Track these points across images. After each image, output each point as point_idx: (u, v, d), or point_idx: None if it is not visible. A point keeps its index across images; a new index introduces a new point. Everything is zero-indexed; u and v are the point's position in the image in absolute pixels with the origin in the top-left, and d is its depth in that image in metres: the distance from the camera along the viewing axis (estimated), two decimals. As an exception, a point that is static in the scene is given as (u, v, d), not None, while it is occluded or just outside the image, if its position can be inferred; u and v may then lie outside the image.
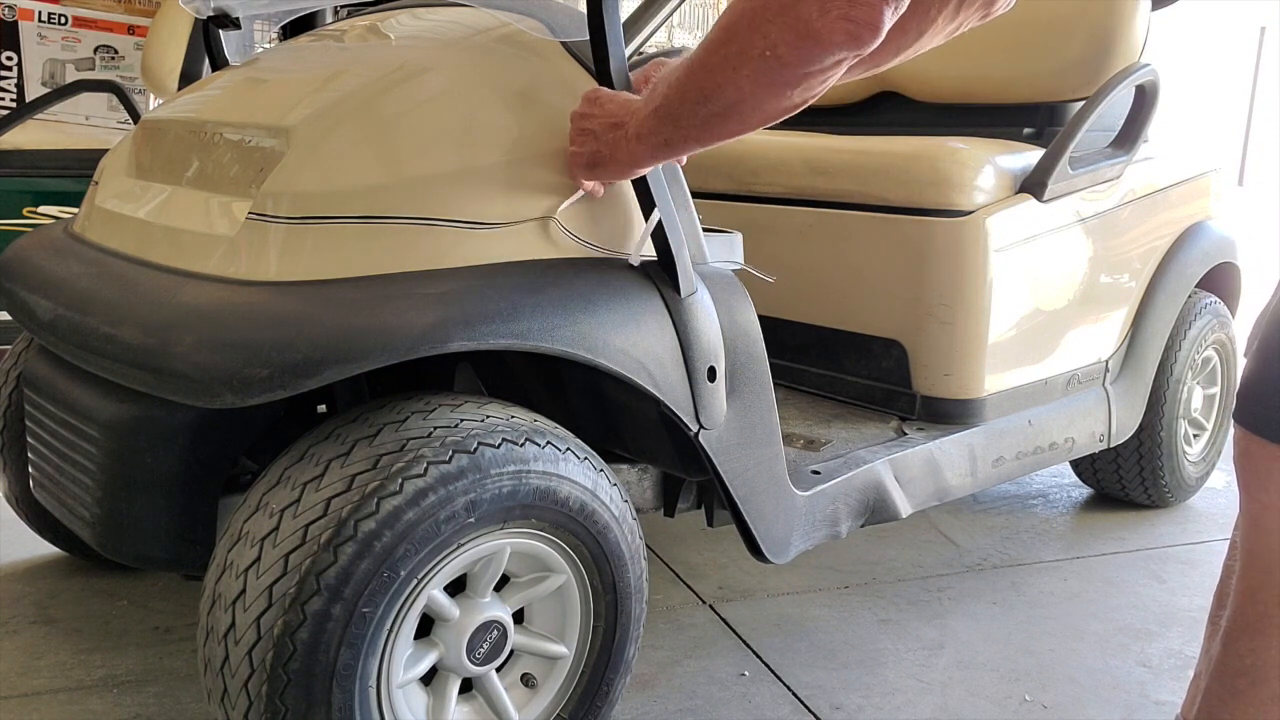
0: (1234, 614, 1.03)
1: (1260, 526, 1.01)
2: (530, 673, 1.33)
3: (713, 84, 1.06)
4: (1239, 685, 1.01)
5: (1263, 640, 0.99)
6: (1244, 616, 1.01)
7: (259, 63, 1.58)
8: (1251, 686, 1.00)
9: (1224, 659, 1.03)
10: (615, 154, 1.19)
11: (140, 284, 1.24)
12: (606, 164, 1.22)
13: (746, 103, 1.06)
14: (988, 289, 1.81)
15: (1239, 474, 1.04)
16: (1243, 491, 1.04)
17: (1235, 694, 1.01)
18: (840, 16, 0.96)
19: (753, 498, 1.43)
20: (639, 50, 2.16)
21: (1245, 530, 1.03)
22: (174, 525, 1.26)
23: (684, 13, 5.96)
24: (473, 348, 1.15)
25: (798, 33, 0.98)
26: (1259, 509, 1.01)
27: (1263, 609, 1.00)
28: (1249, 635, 1.00)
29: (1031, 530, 2.31)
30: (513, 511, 1.19)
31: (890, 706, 1.60)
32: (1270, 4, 12.58)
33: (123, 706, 1.52)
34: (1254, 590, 1.01)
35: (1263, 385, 1.00)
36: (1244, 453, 1.02)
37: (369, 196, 1.18)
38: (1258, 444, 1.00)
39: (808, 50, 0.99)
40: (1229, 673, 1.02)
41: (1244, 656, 1.00)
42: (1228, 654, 1.02)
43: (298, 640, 1.08)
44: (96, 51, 3.53)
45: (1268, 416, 0.98)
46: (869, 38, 0.97)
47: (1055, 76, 2.10)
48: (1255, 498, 1.01)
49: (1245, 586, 1.02)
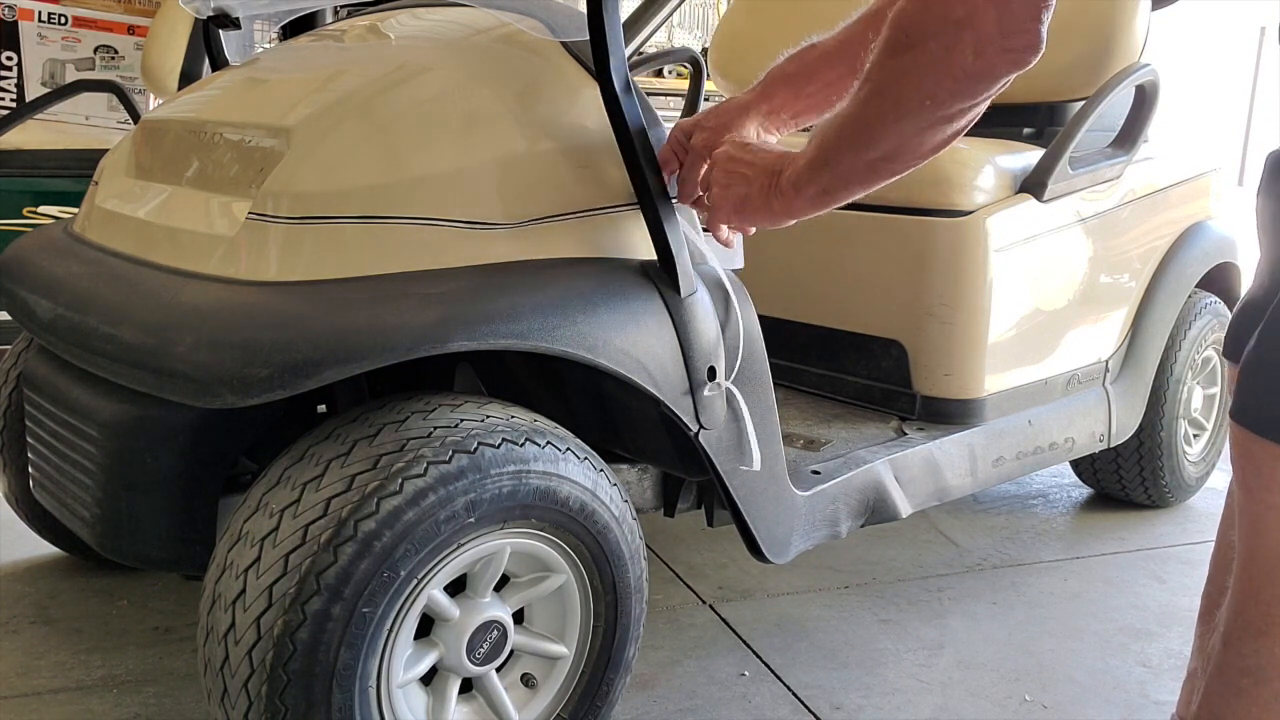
0: (1235, 614, 1.03)
1: (1263, 527, 1.01)
2: (530, 673, 1.33)
3: (872, 136, 1.06)
4: (1243, 684, 1.01)
5: (1267, 640, 0.99)
6: (1246, 616, 1.01)
7: (259, 63, 1.58)
8: (1256, 686, 1.00)
9: (1227, 658, 1.02)
10: (770, 202, 1.21)
11: (140, 284, 1.24)
12: (758, 211, 1.23)
13: (909, 146, 1.05)
14: (988, 289, 1.80)
15: (1238, 474, 1.04)
16: (1243, 492, 1.03)
17: (1240, 693, 1.01)
18: (998, 51, 0.93)
19: (752, 498, 1.43)
20: (639, 50, 2.16)
21: (1246, 531, 1.03)
22: (174, 525, 1.26)
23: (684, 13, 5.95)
24: (473, 348, 1.15)
25: (955, 79, 0.96)
26: (1262, 509, 1.00)
27: (1265, 609, 1.00)
28: (1253, 635, 1.00)
29: (1031, 530, 2.31)
30: (513, 511, 1.19)
31: (890, 706, 1.60)
32: (1270, 4, 12.57)
33: (123, 706, 1.52)
34: (1256, 590, 1.01)
35: (1266, 384, 1.00)
36: (1245, 453, 1.02)
37: (369, 196, 1.18)
38: (1261, 445, 0.99)
39: (970, 91, 0.98)
40: (1233, 672, 1.02)
41: (1248, 656, 1.00)
42: (1230, 654, 1.02)
43: (298, 640, 1.08)
44: (96, 51, 3.53)
45: (1272, 416, 0.98)
46: (1031, 58, 0.94)
47: (1055, 76, 2.10)
48: (1258, 499, 1.00)
49: (1247, 587, 1.02)
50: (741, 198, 1.23)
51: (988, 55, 0.93)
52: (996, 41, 0.92)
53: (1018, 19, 0.91)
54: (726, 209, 1.26)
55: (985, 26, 0.92)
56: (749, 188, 1.22)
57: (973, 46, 0.93)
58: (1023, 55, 0.94)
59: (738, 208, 1.25)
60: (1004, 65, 0.95)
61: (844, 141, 1.10)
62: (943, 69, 0.95)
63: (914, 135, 1.04)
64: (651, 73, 5.05)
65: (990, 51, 0.93)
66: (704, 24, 6.06)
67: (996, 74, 0.95)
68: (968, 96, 0.98)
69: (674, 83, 5.42)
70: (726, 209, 1.26)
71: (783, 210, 1.21)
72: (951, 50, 0.93)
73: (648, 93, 1.45)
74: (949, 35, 0.93)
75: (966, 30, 0.92)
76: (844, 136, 1.09)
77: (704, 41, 5.82)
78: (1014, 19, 0.91)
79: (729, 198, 1.25)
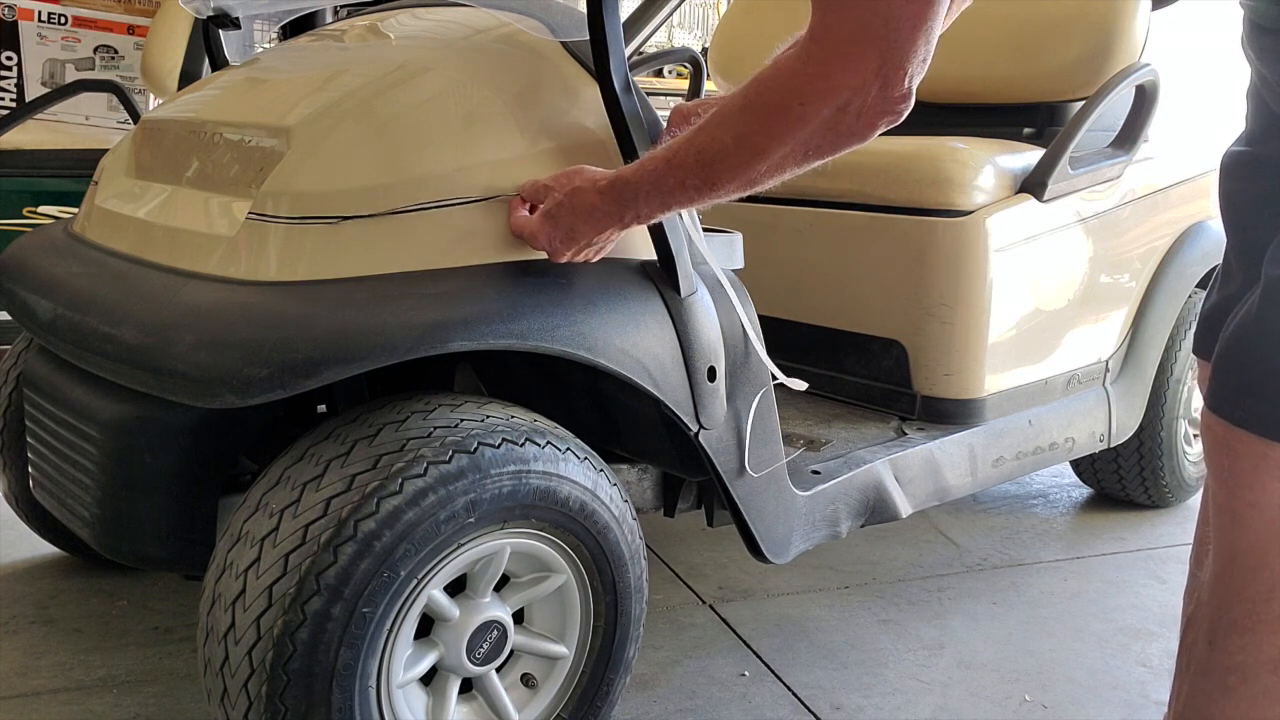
0: (1219, 611, 1.03)
1: (1244, 525, 1.00)
2: (530, 673, 1.33)
3: (728, 172, 1.10)
4: (1230, 682, 1.01)
5: (1252, 637, 0.99)
6: (1231, 614, 1.01)
7: (259, 63, 1.58)
8: (1242, 683, 1.00)
9: (1213, 656, 1.03)
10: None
11: (140, 284, 1.24)
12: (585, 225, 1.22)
13: (755, 181, 1.11)
14: (988, 289, 1.80)
15: (1217, 470, 1.03)
16: (1222, 489, 1.02)
17: (1227, 690, 1.01)
18: (879, 114, 1.02)
19: (753, 498, 1.43)
20: (639, 50, 2.16)
21: (1227, 528, 1.02)
22: (174, 525, 1.26)
23: (684, 13, 5.95)
24: (473, 348, 1.15)
25: (839, 136, 1.04)
26: (1243, 506, 1.00)
27: (1249, 606, 0.99)
28: (1238, 633, 1.00)
29: (1031, 530, 2.31)
30: (513, 511, 1.19)
31: (890, 706, 1.60)
32: (1270, 4, 12.53)
33: (123, 706, 1.52)
34: (1240, 587, 1.00)
35: (1248, 378, 0.98)
36: (1226, 448, 1.01)
37: (369, 196, 1.18)
38: (1244, 439, 0.98)
39: (849, 145, 1.06)
40: (1219, 670, 1.02)
41: (1234, 653, 1.00)
42: (1216, 652, 1.02)
43: (298, 640, 1.08)
44: (96, 51, 3.53)
45: (1255, 410, 0.97)
46: (906, 109, 1.02)
47: (1055, 76, 2.10)
48: (1239, 495, 1.00)
49: (1230, 584, 1.02)
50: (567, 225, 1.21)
51: (869, 117, 1.02)
52: (878, 106, 1.01)
53: (898, 86, 1.00)
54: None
55: (870, 95, 1.00)
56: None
57: (856, 112, 1.01)
58: (899, 115, 1.03)
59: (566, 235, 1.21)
60: (882, 124, 1.04)
61: (689, 174, 1.11)
62: (828, 128, 1.04)
63: (768, 174, 1.10)
64: (651, 73, 5.05)
65: (871, 115, 1.02)
66: (704, 24, 6.06)
67: (875, 131, 1.04)
68: (844, 149, 1.07)
69: (674, 83, 5.43)
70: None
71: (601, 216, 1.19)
72: (840, 114, 1.02)
73: (648, 93, 1.45)
74: (837, 101, 1.01)
75: (855, 97, 1.01)
76: (691, 170, 1.11)
77: (704, 41, 5.83)
78: (895, 86, 1.00)
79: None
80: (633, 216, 1.17)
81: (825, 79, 1.01)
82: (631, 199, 1.15)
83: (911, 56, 0.99)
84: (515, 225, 1.22)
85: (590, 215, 1.18)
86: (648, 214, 1.17)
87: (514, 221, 1.22)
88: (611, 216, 1.17)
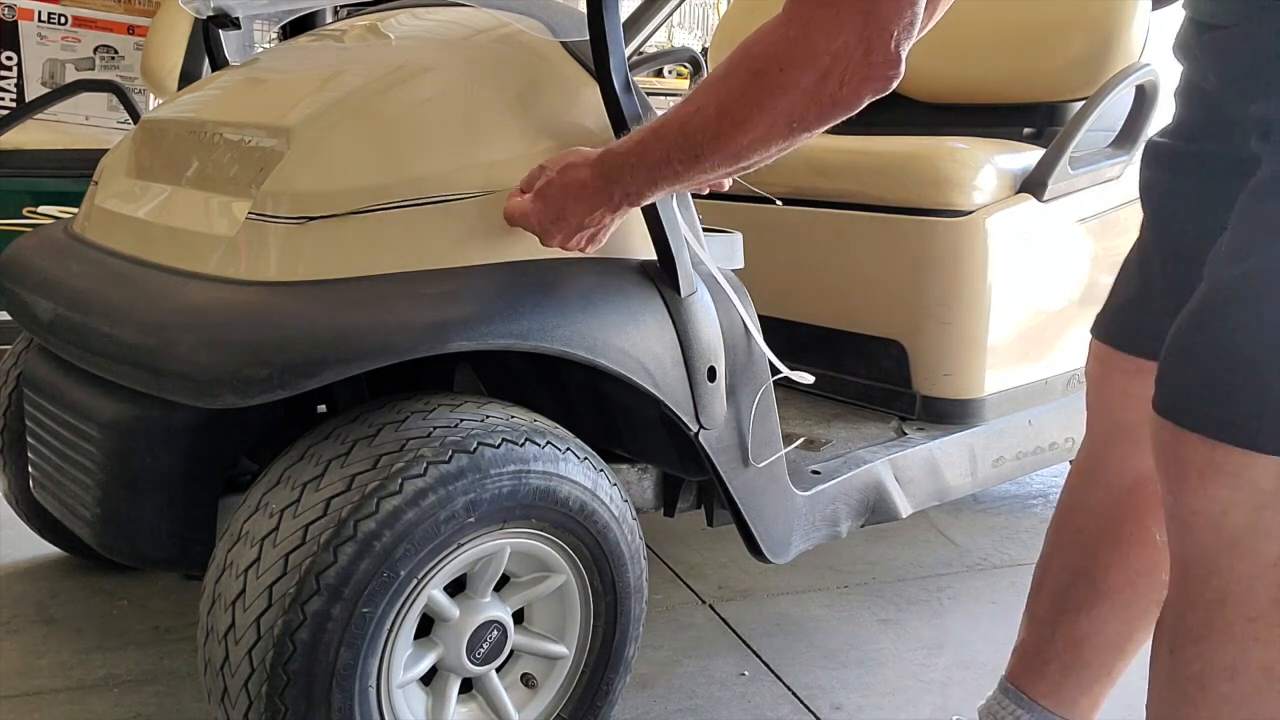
0: (1176, 620, 1.01)
1: (1190, 533, 0.98)
2: (530, 673, 1.33)
3: (714, 147, 1.06)
4: (1190, 690, 1.00)
5: (1208, 645, 0.98)
6: (1186, 623, 1.00)
7: (259, 63, 1.58)
8: (1202, 691, 0.99)
9: (1174, 665, 1.02)
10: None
11: (140, 284, 1.24)
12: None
13: (742, 156, 1.07)
14: (987, 289, 1.80)
15: (1165, 477, 0.99)
16: (1169, 494, 0.99)
17: (1188, 699, 1.00)
18: (863, 80, 0.97)
19: (752, 498, 1.43)
20: (639, 50, 2.16)
21: (1176, 535, 1.00)
22: (174, 525, 1.26)
23: (684, 13, 5.96)
24: (473, 348, 1.15)
25: (823, 105, 0.99)
26: (1188, 514, 0.97)
27: (1204, 613, 0.98)
28: (1194, 641, 0.99)
29: (1031, 530, 2.30)
30: (513, 511, 1.19)
31: (890, 706, 1.60)
32: (1270, 4, 12.53)
33: (123, 706, 1.52)
34: (1194, 596, 0.99)
35: (1199, 380, 0.96)
36: (1173, 454, 0.97)
37: (369, 196, 1.18)
38: (1191, 443, 0.95)
39: (834, 115, 1.01)
40: (1180, 679, 1.01)
41: (1192, 662, 1.00)
42: (1176, 660, 1.01)
43: (298, 640, 1.08)
44: (96, 51, 3.53)
45: (1206, 413, 0.94)
46: (895, 76, 0.98)
47: (1055, 76, 2.10)
48: (1184, 502, 0.97)
49: (1184, 593, 1.00)
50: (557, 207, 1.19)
51: (853, 84, 0.97)
52: (863, 72, 0.96)
53: (883, 50, 0.95)
54: None
55: (853, 60, 0.96)
56: None
57: (839, 78, 0.97)
58: (887, 82, 0.98)
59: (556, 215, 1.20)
60: (869, 92, 0.98)
61: (673, 146, 1.08)
62: (811, 97, 0.99)
63: (753, 147, 1.05)
64: (651, 73, 5.05)
65: (855, 81, 0.97)
66: (704, 24, 6.07)
67: (861, 100, 0.99)
68: (830, 120, 1.02)
69: (674, 83, 5.43)
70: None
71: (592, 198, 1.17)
72: (823, 80, 0.97)
73: (648, 93, 1.45)
74: (820, 67, 0.97)
75: (837, 62, 0.96)
76: (675, 142, 1.08)
77: (704, 41, 5.83)
78: (880, 50, 0.95)
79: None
80: (621, 194, 1.14)
81: (806, 43, 0.97)
82: (619, 173, 1.13)
83: (896, 19, 0.94)
84: (508, 209, 1.21)
85: (580, 192, 1.15)
86: (636, 191, 1.13)
87: (507, 205, 1.21)
88: (601, 194, 1.14)
